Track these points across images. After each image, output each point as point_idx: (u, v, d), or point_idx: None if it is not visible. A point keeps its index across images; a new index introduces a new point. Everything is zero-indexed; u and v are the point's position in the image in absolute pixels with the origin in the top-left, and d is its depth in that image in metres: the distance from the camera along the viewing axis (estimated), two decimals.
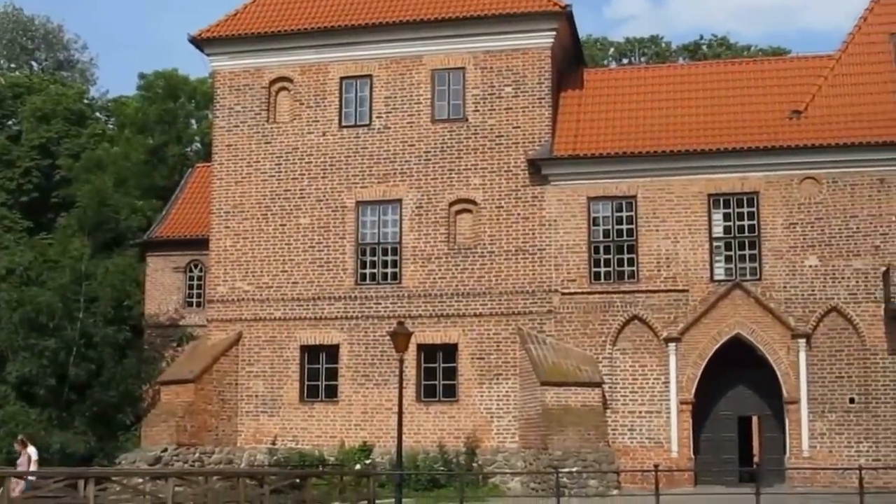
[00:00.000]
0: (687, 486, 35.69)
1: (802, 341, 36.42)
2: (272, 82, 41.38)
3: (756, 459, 38.24)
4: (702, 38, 73.05)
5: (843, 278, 36.74)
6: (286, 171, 40.66)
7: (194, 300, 48.47)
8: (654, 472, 30.48)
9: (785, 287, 37.02)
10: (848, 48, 39.66)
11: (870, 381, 36.21)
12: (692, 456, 36.83)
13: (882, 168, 36.95)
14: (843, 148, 37.09)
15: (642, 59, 72.18)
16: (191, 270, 48.82)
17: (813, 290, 36.84)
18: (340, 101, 40.75)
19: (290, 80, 41.20)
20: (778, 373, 36.57)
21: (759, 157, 37.64)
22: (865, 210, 36.92)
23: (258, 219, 40.64)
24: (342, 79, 40.80)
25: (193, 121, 71.98)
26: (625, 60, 72.43)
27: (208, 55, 42.19)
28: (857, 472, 30.45)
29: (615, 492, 34.14)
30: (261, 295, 40.20)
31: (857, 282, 36.64)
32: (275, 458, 38.44)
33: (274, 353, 39.90)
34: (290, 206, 40.47)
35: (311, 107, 40.88)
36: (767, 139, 37.85)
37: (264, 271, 40.33)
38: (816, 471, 35.48)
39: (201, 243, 44.23)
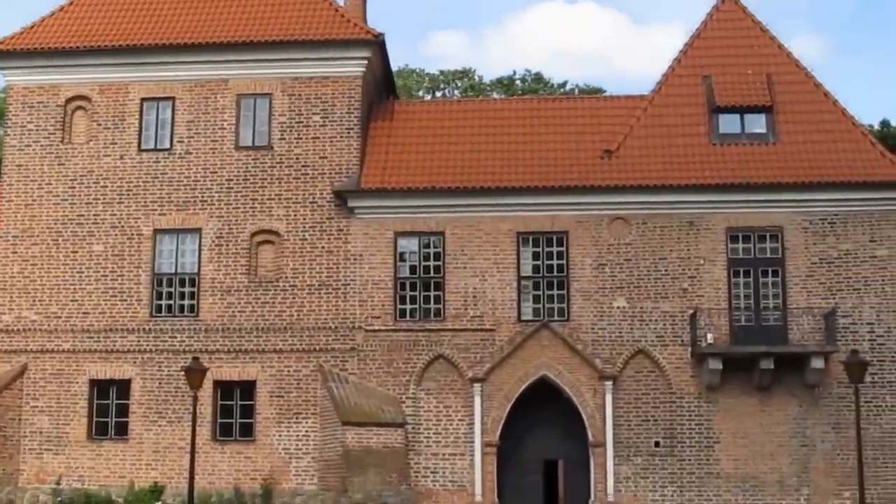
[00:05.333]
0: None
1: (609, 384, 35.96)
2: (68, 101, 39.20)
3: None
4: (515, 73, 72.53)
5: (650, 321, 36.46)
6: (80, 195, 38.56)
7: None
8: None
9: (593, 328, 36.57)
10: (661, 89, 39.46)
11: (675, 424, 35.95)
12: (496, 500, 35.98)
13: (691, 210, 36.84)
14: (654, 189, 36.90)
15: (456, 92, 71.55)
16: None
17: (620, 332, 36.48)
18: (140, 123, 38.85)
19: (87, 98, 39.12)
20: (584, 415, 36.04)
21: (569, 196, 37.15)
22: (674, 252, 36.73)
23: (48, 244, 38.42)
24: (143, 100, 38.90)
25: None
26: (438, 93, 71.61)
27: (1, 69, 39.89)
28: None
29: None
30: (49, 325, 37.99)
31: (664, 324, 36.40)
32: (59, 498, 36.15)
33: (61, 388, 37.66)
34: (83, 232, 38.38)
35: (109, 128, 38.90)
36: (578, 178, 37.39)
37: (53, 300, 38.14)
38: None
39: None
